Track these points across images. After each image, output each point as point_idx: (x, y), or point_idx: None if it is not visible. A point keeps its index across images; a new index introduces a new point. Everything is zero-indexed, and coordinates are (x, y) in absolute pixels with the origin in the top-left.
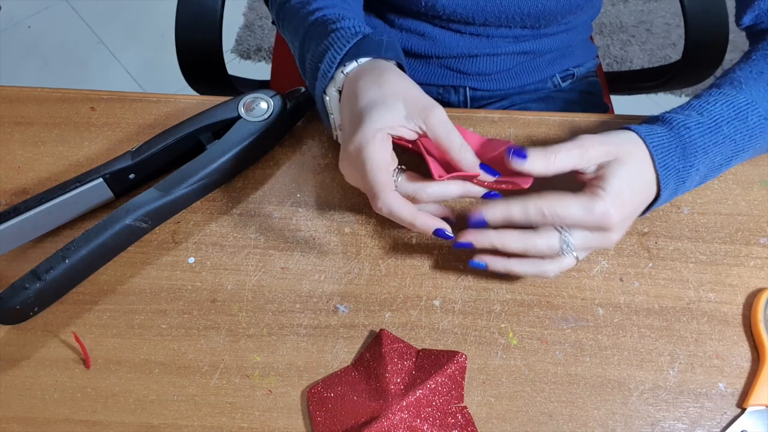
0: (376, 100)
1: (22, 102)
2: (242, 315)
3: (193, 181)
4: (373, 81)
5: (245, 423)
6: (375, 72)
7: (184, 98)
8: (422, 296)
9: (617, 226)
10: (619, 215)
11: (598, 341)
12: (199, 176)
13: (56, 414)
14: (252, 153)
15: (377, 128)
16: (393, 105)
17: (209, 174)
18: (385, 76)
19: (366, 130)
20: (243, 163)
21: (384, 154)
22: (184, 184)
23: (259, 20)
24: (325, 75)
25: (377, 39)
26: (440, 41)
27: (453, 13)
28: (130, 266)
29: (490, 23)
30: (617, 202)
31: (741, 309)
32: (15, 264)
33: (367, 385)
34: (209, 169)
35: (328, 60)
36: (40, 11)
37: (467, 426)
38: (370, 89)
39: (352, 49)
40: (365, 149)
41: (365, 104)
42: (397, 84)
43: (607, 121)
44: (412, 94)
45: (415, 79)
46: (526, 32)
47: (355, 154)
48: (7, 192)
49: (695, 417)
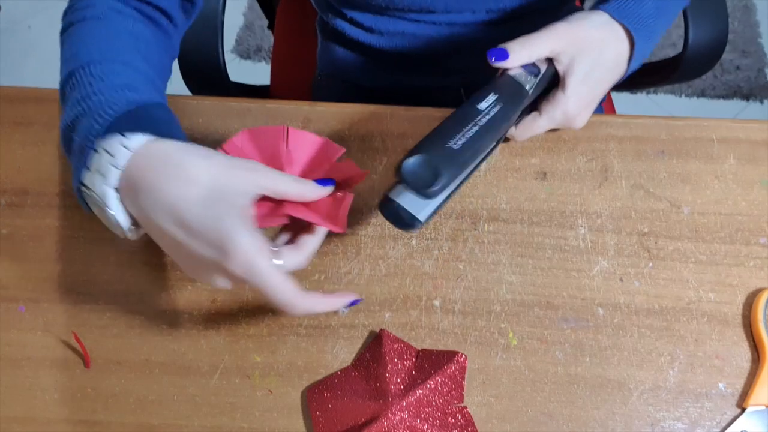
0: (211, 207)
1: (22, 102)
2: (242, 315)
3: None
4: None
5: (245, 423)
6: (167, 167)
7: (183, 99)
8: (422, 296)
9: (578, 115)
10: (578, 108)
11: (598, 341)
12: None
13: (56, 414)
14: None
15: (249, 241)
16: (233, 199)
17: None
18: (185, 169)
19: (240, 249)
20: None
21: (270, 262)
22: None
23: (259, 20)
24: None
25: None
26: (420, 36)
27: (412, 4)
28: (129, 266)
29: (452, 9)
30: (575, 99)
31: (741, 309)
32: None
33: (367, 385)
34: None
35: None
36: (40, 11)
37: (467, 426)
38: (187, 194)
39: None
40: (254, 270)
41: (199, 218)
42: (209, 170)
43: (606, 120)
44: (231, 173)
45: (410, 84)
46: (495, 17)
47: (239, 275)
48: (7, 192)
49: (695, 417)
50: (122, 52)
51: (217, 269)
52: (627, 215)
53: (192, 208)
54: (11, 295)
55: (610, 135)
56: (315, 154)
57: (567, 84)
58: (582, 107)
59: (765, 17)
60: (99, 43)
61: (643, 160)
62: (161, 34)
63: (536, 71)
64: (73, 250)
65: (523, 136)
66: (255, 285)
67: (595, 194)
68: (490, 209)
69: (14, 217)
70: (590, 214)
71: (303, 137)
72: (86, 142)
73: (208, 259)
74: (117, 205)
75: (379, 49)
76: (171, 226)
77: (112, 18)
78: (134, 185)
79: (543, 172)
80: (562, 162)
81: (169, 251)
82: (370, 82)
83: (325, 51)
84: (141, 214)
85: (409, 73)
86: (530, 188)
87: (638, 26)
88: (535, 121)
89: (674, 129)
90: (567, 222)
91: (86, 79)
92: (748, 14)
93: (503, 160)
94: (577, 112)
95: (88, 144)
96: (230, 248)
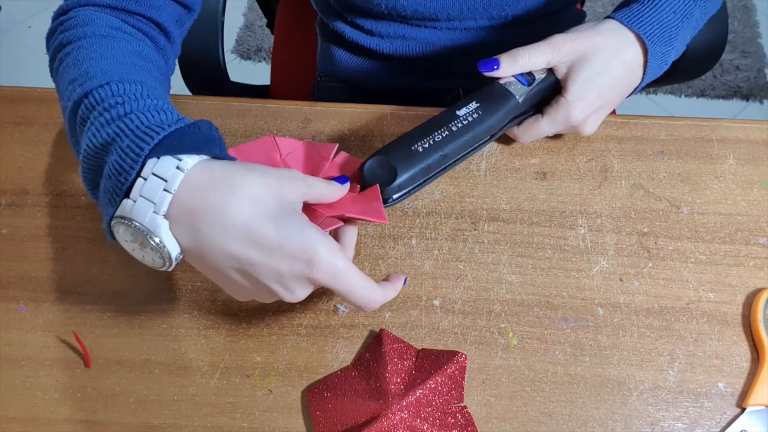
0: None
1: (22, 102)
2: (242, 315)
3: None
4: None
5: (245, 423)
6: (220, 183)
7: (183, 99)
8: (422, 296)
9: (585, 121)
10: (584, 113)
11: (598, 341)
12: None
13: (56, 414)
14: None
15: (330, 246)
16: (297, 209)
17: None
18: (236, 181)
19: (324, 256)
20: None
21: (349, 263)
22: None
23: (259, 20)
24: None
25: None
26: (421, 41)
27: (414, 12)
28: (129, 266)
29: (454, 17)
30: (580, 105)
31: (741, 309)
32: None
33: (367, 385)
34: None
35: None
36: (40, 11)
37: (467, 426)
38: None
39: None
40: (339, 274)
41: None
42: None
43: (606, 120)
44: (284, 183)
45: (410, 87)
46: (496, 23)
47: (325, 281)
48: (7, 192)
49: (695, 417)
50: (139, 72)
51: (298, 281)
52: (627, 215)
53: (267, 224)
54: (11, 295)
55: (609, 135)
56: (306, 157)
57: (568, 89)
58: (589, 113)
59: (765, 17)
60: (112, 63)
61: (643, 160)
62: (161, 56)
63: (530, 80)
64: (73, 250)
65: (525, 137)
66: (339, 287)
67: (595, 194)
68: (490, 209)
69: (14, 217)
70: (590, 214)
71: (290, 143)
72: (126, 164)
73: (291, 273)
74: (168, 235)
75: (379, 52)
76: (242, 248)
77: (118, 37)
78: (192, 209)
79: (543, 172)
80: (562, 162)
81: (226, 277)
82: (370, 84)
83: (325, 52)
84: (198, 239)
85: (409, 76)
86: (530, 188)
87: (653, 31)
88: (536, 122)
89: (674, 129)
90: (567, 222)
91: (113, 99)
92: (748, 14)
93: (503, 160)
94: (583, 117)
95: (128, 167)
96: (316, 257)
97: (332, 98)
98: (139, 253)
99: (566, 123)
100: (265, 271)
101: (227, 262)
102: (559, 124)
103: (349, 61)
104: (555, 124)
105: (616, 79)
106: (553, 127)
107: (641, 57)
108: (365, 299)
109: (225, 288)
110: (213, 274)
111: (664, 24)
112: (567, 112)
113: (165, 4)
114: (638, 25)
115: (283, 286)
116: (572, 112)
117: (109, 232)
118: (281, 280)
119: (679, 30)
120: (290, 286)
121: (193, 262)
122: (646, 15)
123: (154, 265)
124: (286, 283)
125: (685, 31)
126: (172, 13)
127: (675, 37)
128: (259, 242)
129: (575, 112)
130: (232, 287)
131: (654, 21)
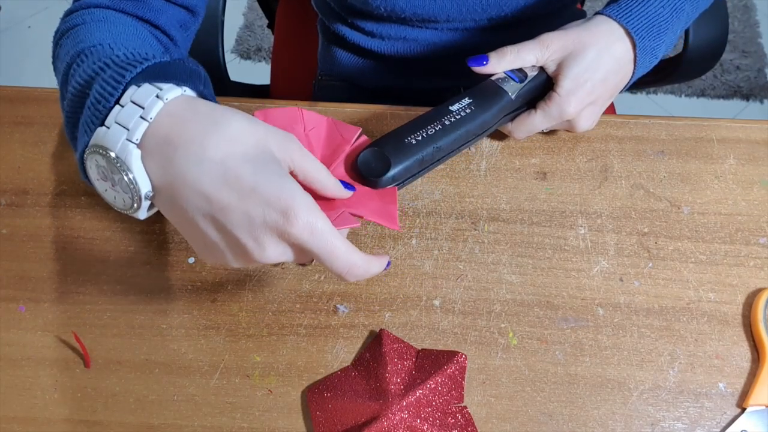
0: (258, 166)
1: (22, 102)
2: (242, 315)
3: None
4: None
5: (245, 423)
6: (203, 119)
7: None
8: (422, 296)
9: (579, 116)
10: (576, 108)
11: (598, 341)
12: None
13: (56, 414)
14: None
15: (310, 203)
16: (279, 163)
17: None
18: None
19: (302, 210)
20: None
21: (330, 225)
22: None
23: (259, 20)
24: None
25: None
26: (422, 41)
27: (414, 14)
28: (130, 266)
29: (454, 18)
30: (572, 99)
31: (741, 309)
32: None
33: (367, 385)
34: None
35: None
36: (40, 11)
37: (467, 426)
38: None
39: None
40: (316, 232)
41: (251, 178)
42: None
43: (606, 120)
44: (272, 137)
45: (411, 86)
46: (496, 24)
47: (300, 238)
48: (7, 192)
49: (695, 417)
50: (135, 40)
51: (270, 233)
52: (627, 215)
53: (244, 165)
54: (11, 295)
55: (609, 135)
56: (328, 135)
57: (559, 84)
58: (581, 107)
59: (765, 17)
60: (113, 34)
61: (643, 160)
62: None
63: (522, 77)
64: (73, 250)
65: (519, 132)
66: (317, 248)
67: (595, 194)
68: (490, 209)
69: (14, 217)
70: (590, 214)
71: (315, 118)
72: (106, 92)
73: (263, 222)
74: (139, 166)
75: (380, 53)
76: (215, 187)
77: (121, 21)
78: (168, 139)
79: (543, 172)
80: (562, 162)
81: (194, 226)
82: (371, 84)
83: (325, 52)
84: (171, 173)
85: (410, 76)
86: (530, 188)
87: (641, 25)
88: (530, 117)
89: (674, 129)
90: (567, 222)
91: (102, 51)
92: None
93: (503, 160)
94: (576, 112)
95: (108, 94)
96: (293, 209)
97: (333, 97)
98: (111, 194)
99: (560, 117)
100: (235, 217)
101: (198, 203)
102: (552, 119)
103: (350, 61)
104: (548, 118)
105: (608, 73)
106: (547, 121)
107: (630, 52)
108: (347, 264)
109: (193, 243)
110: (181, 223)
111: (653, 18)
112: (559, 106)
113: (166, 7)
114: (626, 19)
115: (253, 237)
116: (564, 107)
117: (81, 168)
118: (252, 230)
119: (669, 24)
120: (261, 238)
121: (163, 207)
122: (635, 10)
123: (124, 207)
124: (256, 234)
125: (676, 26)
126: (174, 16)
127: (665, 32)
128: (233, 183)
129: (568, 107)
130: (200, 241)
131: (642, 15)
